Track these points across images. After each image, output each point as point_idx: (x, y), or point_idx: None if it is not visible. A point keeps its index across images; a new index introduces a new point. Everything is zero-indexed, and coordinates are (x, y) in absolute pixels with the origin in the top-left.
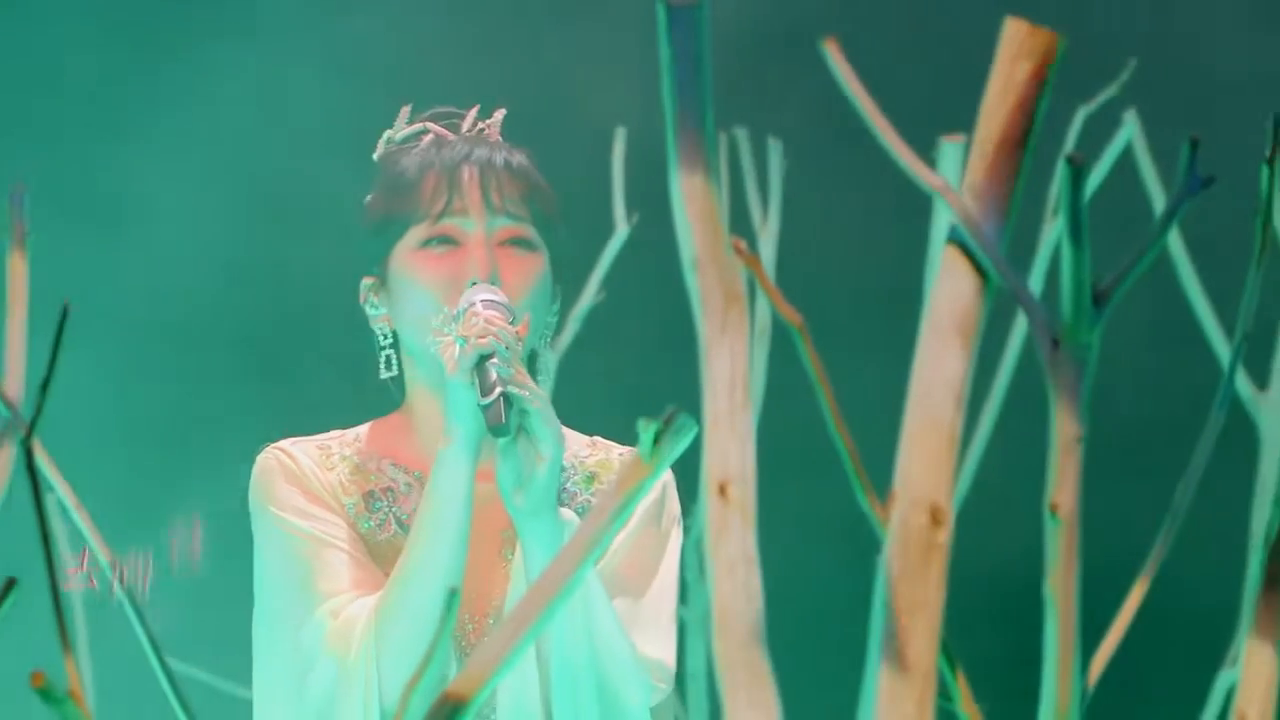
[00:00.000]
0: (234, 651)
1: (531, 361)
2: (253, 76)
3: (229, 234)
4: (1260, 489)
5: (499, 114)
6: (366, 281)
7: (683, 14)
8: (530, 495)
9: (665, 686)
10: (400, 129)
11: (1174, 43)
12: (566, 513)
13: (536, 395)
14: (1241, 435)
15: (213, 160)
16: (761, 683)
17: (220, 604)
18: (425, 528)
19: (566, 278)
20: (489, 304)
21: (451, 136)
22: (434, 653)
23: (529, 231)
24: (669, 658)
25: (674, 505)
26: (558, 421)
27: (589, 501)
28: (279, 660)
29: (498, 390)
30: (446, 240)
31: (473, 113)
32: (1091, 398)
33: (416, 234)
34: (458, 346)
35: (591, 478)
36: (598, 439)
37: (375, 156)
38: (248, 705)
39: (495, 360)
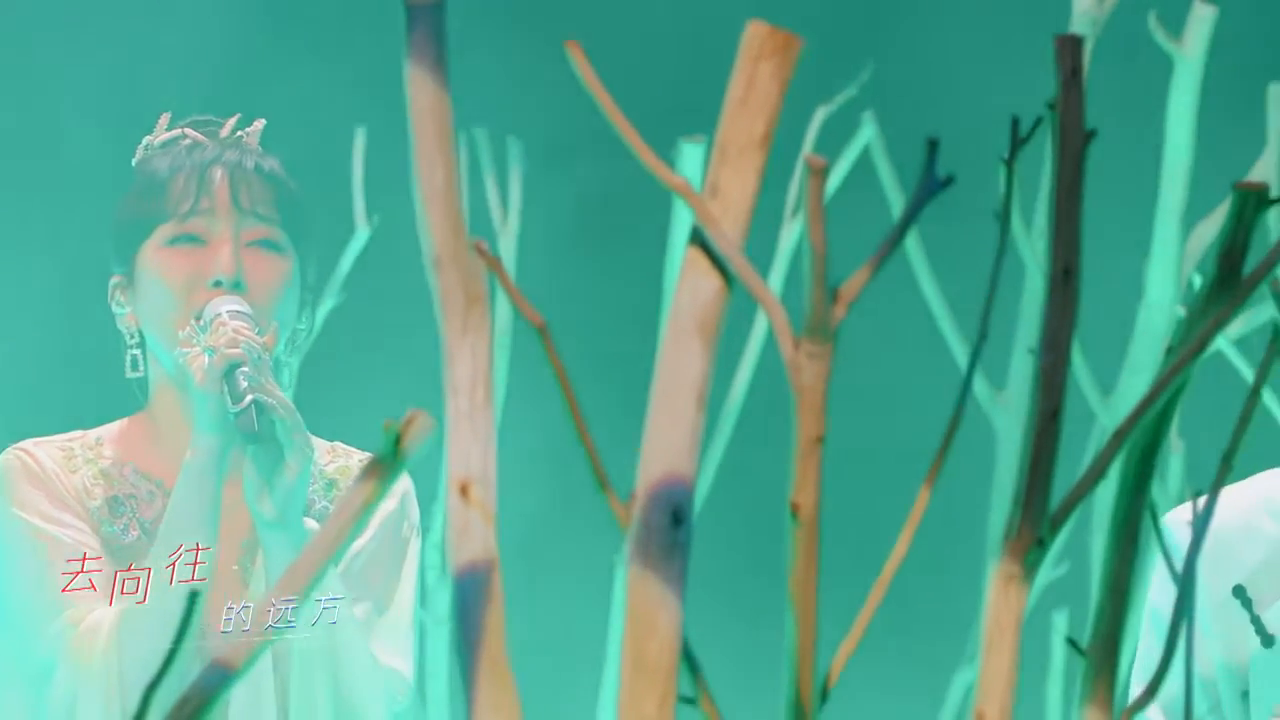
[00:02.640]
0: None
1: (277, 366)
2: None
3: None
4: (997, 489)
5: (258, 124)
6: (113, 280)
7: (423, 13)
8: (277, 504)
9: (404, 697)
10: (159, 134)
11: (912, 44)
12: (311, 523)
13: (285, 405)
14: (979, 436)
15: None
16: (503, 682)
17: None
18: (170, 538)
19: (315, 283)
20: (235, 314)
21: (209, 142)
22: (175, 657)
23: (277, 234)
24: (408, 668)
25: (414, 513)
26: (306, 431)
27: (328, 508)
28: (15, 664)
29: (249, 398)
30: (193, 239)
31: (232, 121)
32: (832, 398)
33: (164, 232)
34: (206, 357)
35: (332, 484)
36: (338, 445)
37: (134, 162)
38: None
39: (246, 369)
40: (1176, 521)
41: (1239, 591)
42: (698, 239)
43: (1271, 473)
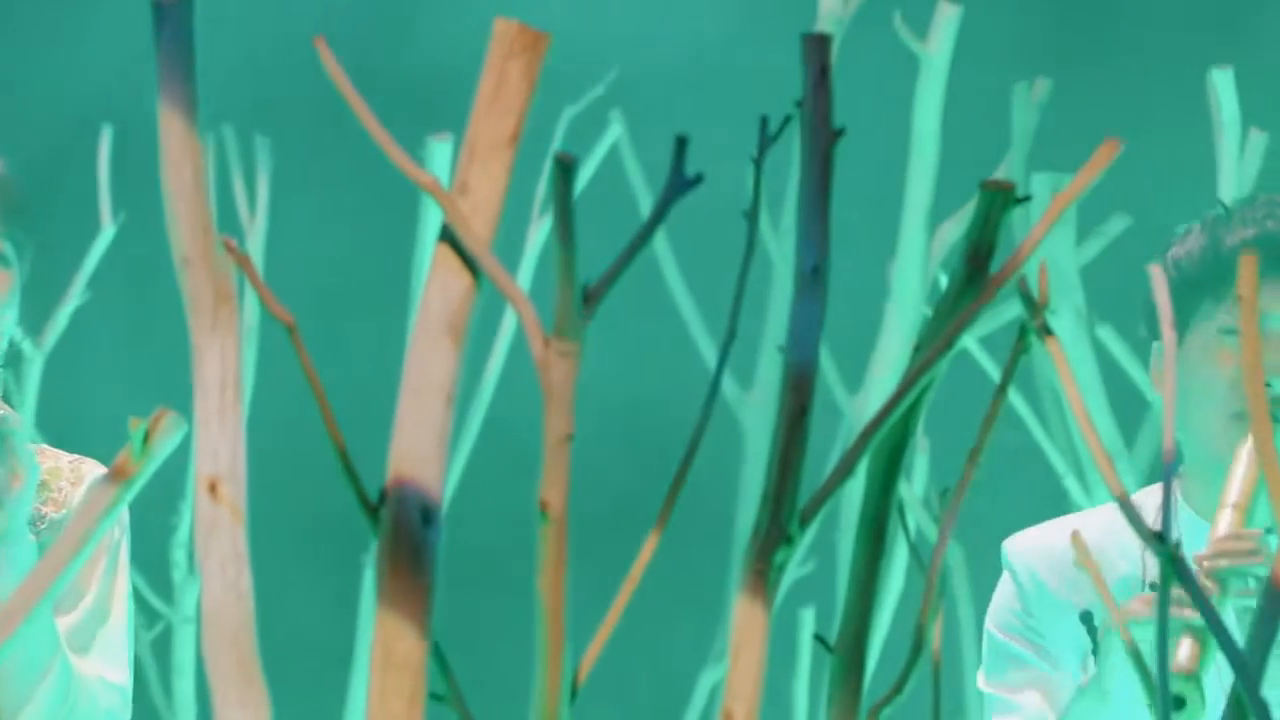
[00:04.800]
0: None
1: None
2: None
3: None
4: (745, 487)
5: None
6: None
7: (172, 11)
8: (7, 516)
9: (126, 710)
10: None
11: (661, 43)
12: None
13: (13, 414)
14: (727, 435)
15: None
16: (251, 681)
17: None
18: None
19: (43, 280)
20: None
21: None
22: None
23: (3, 246)
24: (124, 677)
25: (122, 514)
26: (30, 444)
27: (40, 510)
28: None
29: None
30: None
31: None
32: (580, 396)
33: None
34: None
35: (43, 485)
36: (45, 447)
37: None
38: None
39: None
40: (1016, 548)
41: (1086, 618)
42: (447, 237)
43: (1107, 508)
